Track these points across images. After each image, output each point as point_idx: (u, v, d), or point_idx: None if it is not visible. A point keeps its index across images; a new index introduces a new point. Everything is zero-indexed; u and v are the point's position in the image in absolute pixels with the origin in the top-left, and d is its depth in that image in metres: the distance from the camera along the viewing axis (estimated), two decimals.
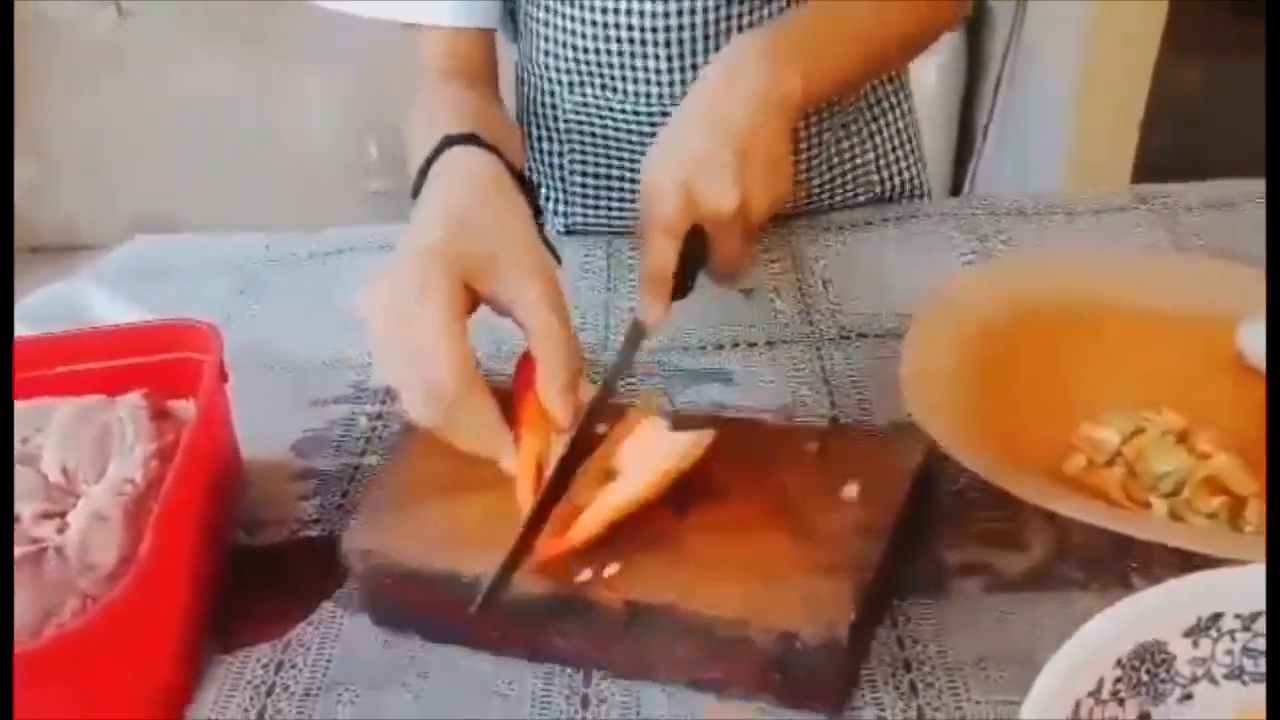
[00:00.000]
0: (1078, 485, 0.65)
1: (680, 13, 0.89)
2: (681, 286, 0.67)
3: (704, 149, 0.66)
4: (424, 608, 0.62)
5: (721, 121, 0.67)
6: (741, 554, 0.58)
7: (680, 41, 0.90)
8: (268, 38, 2.53)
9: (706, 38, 0.90)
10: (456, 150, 0.69)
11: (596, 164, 1.00)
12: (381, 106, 2.27)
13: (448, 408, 0.58)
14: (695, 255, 0.67)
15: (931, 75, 2.23)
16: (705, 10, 0.89)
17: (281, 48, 2.52)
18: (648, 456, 0.61)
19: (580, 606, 0.58)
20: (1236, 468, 0.63)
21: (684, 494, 0.61)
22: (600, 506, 0.59)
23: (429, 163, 0.70)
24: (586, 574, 0.57)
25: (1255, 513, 0.62)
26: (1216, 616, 0.50)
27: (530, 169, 1.05)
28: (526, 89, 1.00)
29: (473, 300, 0.61)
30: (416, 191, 0.71)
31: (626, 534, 0.59)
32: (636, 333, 0.67)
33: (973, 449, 0.64)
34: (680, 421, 0.64)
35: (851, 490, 0.61)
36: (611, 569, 0.57)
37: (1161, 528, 0.61)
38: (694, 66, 0.91)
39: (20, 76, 2.60)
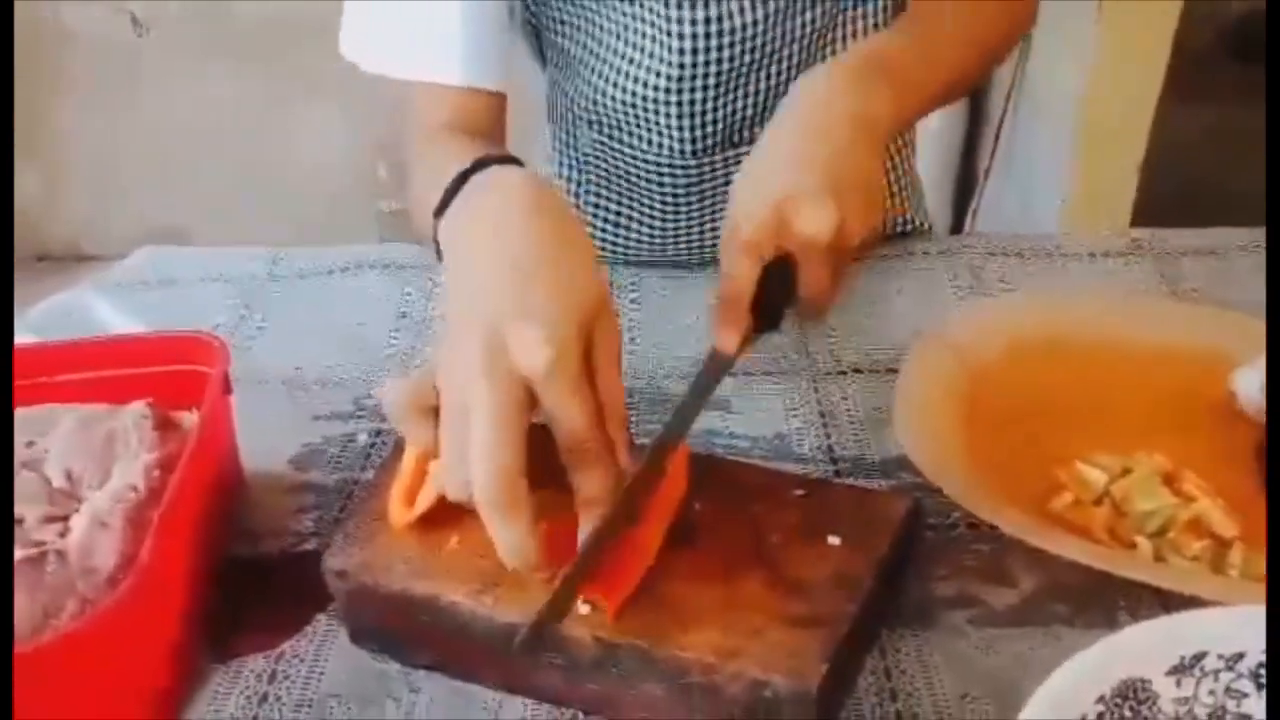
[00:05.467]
0: (1064, 522, 0.66)
1: (694, 76, 0.88)
2: (768, 318, 0.64)
3: (800, 171, 0.63)
4: (401, 632, 0.62)
5: (817, 144, 0.64)
6: (718, 599, 0.57)
7: (692, 101, 0.90)
8: (281, 57, 2.56)
9: (718, 96, 0.90)
10: (497, 169, 0.63)
11: (609, 200, 1.02)
12: (390, 128, 2.30)
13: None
14: (782, 286, 0.63)
15: (934, 117, 2.24)
16: (719, 70, 0.89)
17: (294, 68, 2.54)
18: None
19: (552, 641, 0.57)
20: (1220, 511, 0.64)
21: (665, 535, 0.60)
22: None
23: (458, 183, 0.64)
24: None
25: (1239, 555, 0.62)
26: (1200, 656, 0.50)
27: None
28: (558, 111, 1.00)
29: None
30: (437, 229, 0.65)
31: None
32: (716, 364, 0.62)
33: (963, 484, 0.65)
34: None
35: (834, 539, 0.60)
36: (585, 606, 0.57)
37: (1145, 568, 0.62)
38: (704, 124, 0.92)
39: (34, 85, 2.62)
